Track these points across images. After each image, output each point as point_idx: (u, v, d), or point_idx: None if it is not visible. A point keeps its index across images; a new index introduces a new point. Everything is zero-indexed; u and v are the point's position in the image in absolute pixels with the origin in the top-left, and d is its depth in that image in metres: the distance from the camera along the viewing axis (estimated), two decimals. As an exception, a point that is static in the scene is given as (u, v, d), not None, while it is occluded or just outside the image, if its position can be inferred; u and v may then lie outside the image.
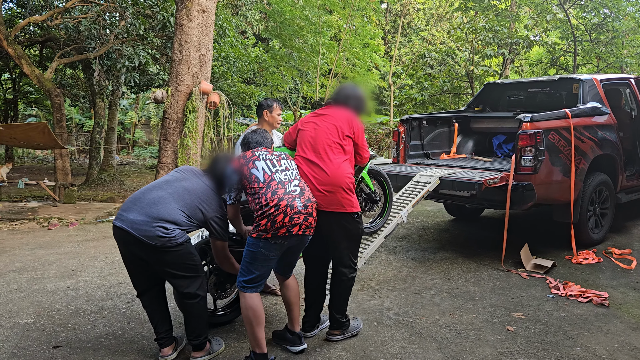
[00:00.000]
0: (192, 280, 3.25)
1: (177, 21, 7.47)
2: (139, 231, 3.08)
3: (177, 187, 3.30)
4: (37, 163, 20.95)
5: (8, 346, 3.57)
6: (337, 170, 3.44)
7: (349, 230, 3.53)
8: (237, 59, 12.79)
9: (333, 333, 3.66)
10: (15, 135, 9.82)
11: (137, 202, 3.21)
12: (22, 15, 14.63)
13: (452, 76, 12.69)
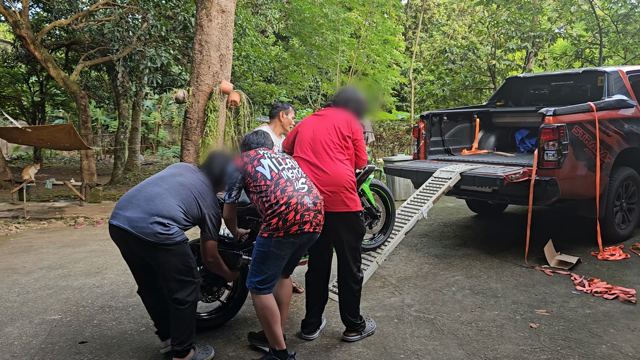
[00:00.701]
0: (185, 285, 3.16)
1: (197, 22, 7.54)
2: (136, 228, 3.02)
3: (173, 182, 3.24)
4: (64, 164, 21.39)
5: (37, 341, 3.66)
6: (338, 170, 3.41)
7: (354, 229, 3.50)
8: (258, 58, 12.86)
9: (350, 334, 3.63)
10: (42, 136, 10.06)
11: (133, 200, 3.15)
12: (48, 19, 14.95)
13: (473, 71, 12.54)
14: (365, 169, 4.13)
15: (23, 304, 4.40)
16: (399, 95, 21.68)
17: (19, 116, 20.16)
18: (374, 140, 10.62)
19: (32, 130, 9.78)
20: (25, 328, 3.90)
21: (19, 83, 19.44)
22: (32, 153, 21.09)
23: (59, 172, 16.59)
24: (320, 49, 11.60)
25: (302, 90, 13.93)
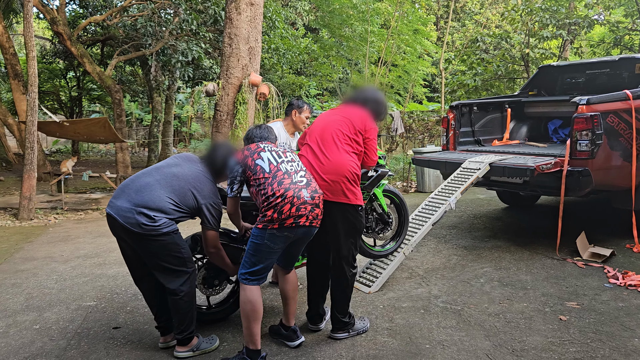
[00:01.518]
0: (177, 274, 3.16)
1: (226, 15, 7.62)
2: (123, 218, 3.04)
3: (166, 173, 3.23)
4: (100, 157, 21.97)
5: (73, 326, 3.81)
6: (342, 159, 3.35)
7: (351, 223, 3.42)
8: (287, 50, 12.90)
9: (337, 332, 3.53)
10: (78, 130, 10.36)
11: (125, 189, 3.16)
12: (84, 16, 15.34)
13: (506, 60, 12.28)
14: (379, 173, 4.04)
15: (61, 291, 4.57)
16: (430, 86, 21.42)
17: (58, 111, 20.79)
18: (403, 132, 10.54)
19: (69, 124, 10.08)
20: (63, 313, 4.06)
21: (57, 78, 20.04)
22: (70, 146, 21.72)
23: (95, 165, 17.06)
24: (349, 40, 11.54)
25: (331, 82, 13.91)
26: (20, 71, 12.83)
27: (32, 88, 8.34)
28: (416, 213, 5.11)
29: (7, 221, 7.96)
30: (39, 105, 9.02)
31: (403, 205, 4.56)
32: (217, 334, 3.61)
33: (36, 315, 4.03)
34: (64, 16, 12.34)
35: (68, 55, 15.69)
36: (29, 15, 8.40)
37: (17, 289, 4.66)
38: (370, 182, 4.04)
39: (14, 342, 3.54)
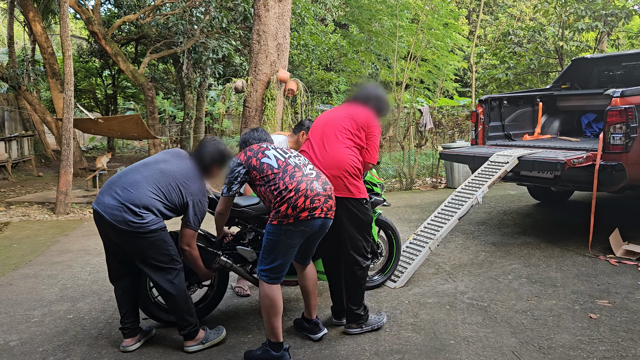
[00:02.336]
0: (166, 271, 3.15)
1: (255, 12, 7.67)
2: (110, 215, 3.01)
3: (154, 169, 3.19)
4: (134, 153, 22.46)
5: (104, 316, 3.93)
6: (341, 153, 3.33)
7: (358, 216, 3.40)
8: (316, 46, 12.91)
9: (350, 326, 3.51)
10: (112, 127, 10.63)
11: (112, 186, 3.13)
12: (118, 15, 15.69)
13: (539, 53, 11.99)
14: (372, 200, 3.93)
15: (93, 282, 4.71)
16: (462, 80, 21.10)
17: (94, 108, 21.33)
18: (432, 127, 10.43)
19: (103, 121, 10.36)
20: (95, 304, 4.19)
21: (93, 77, 20.56)
22: (106, 143, 22.28)
23: (130, 161, 17.44)
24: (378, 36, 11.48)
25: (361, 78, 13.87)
26: (58, 70, 13.21)
27: (68, 86, 8.59)
28: (442, 207, 5.06)
29: (45, 215, 8.24)
30: (75, 103, 9.29)
31: (396, 239, 4.40)
32: (243, 326, 3.67)
33: (70, 305, 4.17)
34: (99, 16, 12.66)
35: (103, 54, 16.08)
36: (65, 15, 8.65)
37: (53, 280, 4.83)
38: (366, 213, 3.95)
39: (49, 331, 3.67)
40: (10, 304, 4.23)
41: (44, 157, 16.91)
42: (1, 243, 6.35)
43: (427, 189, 10.08)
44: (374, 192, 4.07)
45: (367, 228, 3.50)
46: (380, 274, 4.43)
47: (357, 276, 3.48)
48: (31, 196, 10.07)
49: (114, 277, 3.33)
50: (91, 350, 3.35)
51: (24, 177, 13.38)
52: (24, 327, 3.75)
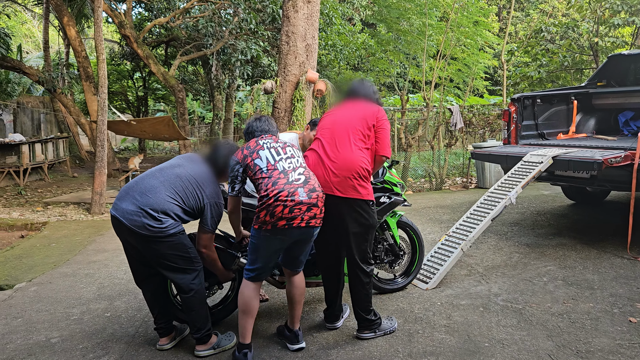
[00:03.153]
0: (186, 273, 3.18)
1: (284, 13, 7.71)
2: (129, 220, 3.03)
3: (170, 174, 3.22)
4: (165, 154, 22.83)
5: (140, 315, 4.01)
6: (352, 155, 3.29)
7: (364, 218, 3.33)
8: (344, 46, 12.90)
9: (363, 332, 3.47)
10: (144, 128, 10.83)
11: (129, 191, 3.15)
12: (149, 18, 15.98)
13: (573, 50, 11.73)
14: (392, 200, 3.94)
15: (129, 281, 4.81)
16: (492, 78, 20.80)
17: (125, 110, 21.78)
18: (462, 127, 10.31)
19: (135, 122, 10.56)
20: (131, 302, 4.28)
21: (124, 79, 20.99)
22: (137, 144, 22.72)
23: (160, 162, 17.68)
24: (407, 35, 11.40)
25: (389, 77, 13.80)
26: (91, 73, 13.53)
27: (102, 89, 8.79)
28: (474, 208, 5.00)
29: (81, 215, 8.45)
30: (108, 105, 9.50)
31: (419, 240, 4.33)
32: (256, 330, 3.70)
33: (107, 303, 4.27)
34: (131, 19, 12.91)
35: (135, 57, 16.40)
36: (99, 20, 8.85)
37: (90, 279, 4.95)
38: (382, 208, 3.90)
39: (88, 328, 3.77)
40: (50, 301, 4.35)
41: (78, 158, 17.35)
42: (40, 242, 6.55)
43: (458, 189, 9.97)
44: (394, 192, 4.04)
45: (372, 231, 3.43)
46: (404, 276, 4.38)
47: (362, 281, 3.42)
48: (67, 196, 10.34)
49: (139, 279, 3.38)
50: (129, 348, 3.43)
51: (60, 178, 13.75)
52: (64, 324, 3.86)
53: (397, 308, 3.97)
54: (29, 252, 6.05)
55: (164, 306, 3.40)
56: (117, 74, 20.35)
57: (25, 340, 3.59)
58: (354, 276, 3.44)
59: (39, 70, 14.29)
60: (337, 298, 3.63)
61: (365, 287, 3.43)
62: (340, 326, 3.67)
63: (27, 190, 11.42)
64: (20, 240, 6.85)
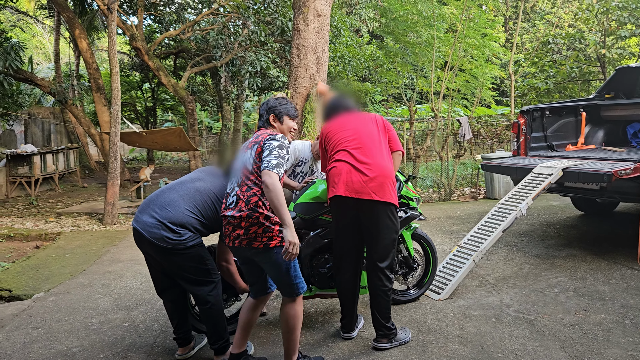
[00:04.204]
0: (204, 284, 3.24)
1: (294, 27, 7.83)
2: (149, 233, 3.10)
3: (189, 188, 3.29)
4: (173, 164, 22.98)
5: (158, 325, 4.08)
6: (384, 160, 3.49)
7: (393, 223, 3.48)
8: (352, 58, 13.02)
9: (381, 341, 3.50)
10: (156, 139, 10.94)
11: (150, 204, 3.23)
12: (159, 30, 16.18)
13: (580, 62, 11.79)
14: (408, 215, 4.03)
15: (145, 292, 4.89)
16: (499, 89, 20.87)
17: (134, 120, 21.98)
18: (471, 137, 10.37)
19: (147, 134, 10.68)
20: (148, 313, 4.35)
21: (133, 90, 21.21)
22: (145, 154, 22.89)
23: (170, 172, 17.87)
24: (414, 47, 11.51)
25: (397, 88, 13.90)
26: (102, 85, 13.70)
27: (115, 101, 8.93)
28: (485, 219, 5.06)
29: (94, 225, 8.56)
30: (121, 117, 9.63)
31: (433, 253, 4.40)
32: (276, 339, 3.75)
33: (125, 313, 4.35)
34: (142, 32, 13.09)
35: (144, 68, 16.60)
36: (112, 34, 9.01)
37: (107, 289, 5.04)
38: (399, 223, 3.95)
39: (107, 338, 3.85)
40: (69, 311, 4.43)
41: (88, 168, 17.51)
42: (55, 252, 6.65)
43: (467, 199, 10.01)
44: (410, 206, 4.11)
45: (396, 235, 3.55)
46: (417, 288, 4.43)
47: (384, 287, 3.49)
48: (79, 207, 10.46)
49: (160, 289, 3.44)
50: (148, 358, 3.50)
51: (70, 188, 13.89)
52: (83, 334, 3.94)
53: (411, 319, 4.02)
54: (45, 263, 6.15)
55: (183, 316, 3.47)
56: (126, 84, 20.56)
57: (47, 350, 3.67)
58: (376, 283, 3.50)
59: (50, 82, 14.49)
60: (353, 308, 3.69)
61: (387, 294, 3.51)
62: (355, 336, 3.73)
63: (38, 200, 11.56)
64: (36, 251, 6.95)
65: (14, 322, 4.23)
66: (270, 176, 2.84)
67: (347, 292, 3.66)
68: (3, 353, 3.64)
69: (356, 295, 3.70)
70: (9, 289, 5.19)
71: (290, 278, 3.04)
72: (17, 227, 8.29)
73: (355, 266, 3.64)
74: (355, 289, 3.68)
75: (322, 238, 3.85)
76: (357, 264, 3.65)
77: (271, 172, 2.86)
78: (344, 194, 3.40)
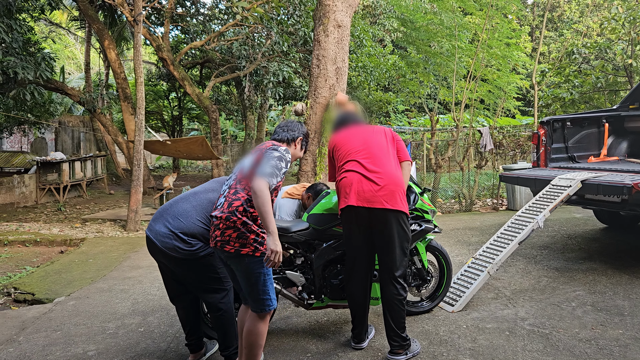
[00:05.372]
0: (215, 292, 3.28)
1: (314, 37, 7.92)
2: (161, 242, 3.16)
3: (202, 199, 3.34)
4: (197, 172, 23.29)
5: (172, 330, 4.16)
6: (394, 169, 3.53)
7: (405, 231, 3.49)
8: (374, 68, 13.05)
9: (397, 352, 3.47)
10: (179, 148, 11.15)
11: (163, 214, 3.30)
12: (185, 41, 16.51)
13: (606, 71, 11.59)
14: (422, 228, 4.03)
15: (162, 298, 4.97)
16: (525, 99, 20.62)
17: (161, 129, 22.40)
18: (492, 148, 10.27)
19: (170, 142, 10.89)
20: (164, 319, 4.43)
21: (160, 99, 21.64)
22: (171, 162, 23.28)
23: (194, 180, 18.12)
24: (436, 57, 11.49)
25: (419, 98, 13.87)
26: (129, 94, 14.04)
27: (139, 110, 9.14)
28: (502, 231, 5.01)
29: (117, 232, 8.74)
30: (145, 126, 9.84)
31: (447, 265, 4.37)
32: (302, 345, 3.78)
33: (141, 319, 4.44)
34: (168, 43, 13.37)
35: (171, 78, 16.94)
36: (138, 44, 9.25)
37: (125, 295, 5.14)
38: (413, 235, 3.95)
39: (122, 342, 3.93)
40: (87, 316, 4.55)
41: (115, 175, 17.90)
42: (79, 258, 6.82)
43: (488, 210, 9.90)
44: (424, 219, 4.11)
45: (408, 244, 3.57)
46: (429, 300, 4.40)
47: (398, 296, 3.47)
48: (104, 213, 10.70)
49: (172, 295, 3.50)
50: (161, 363, 3.57)
51: (97, 195, 14.22)
52: (100, 338, 4.03)
53: (422, 330, 4.00)
54: (68, 267, 6.31)
55: (195, 323, 3.52)
56: (153, 94, 20.99)
57: (64, 353, 3.77)
58: (391, 292, 3.49)
59: (80, 91, 14.90)
60: (364, 318, 3.70)
61: (402, 303, 3.49)
62: (365, 347, 3.73)
63: (66, 206, 11.87)
64: (60, 256, 7.14)
65: (34, 325, 4.36)
66: (259, 182, 2.82)
67: (358, 303, 3.67)
68: (23, 355, 3.76)
69: (367, 305, 3.70)
70: (32, 292, 5.35)
71: (258, 291, 2.98)
72: (43, 233, 8.53)
73: (366, 277, 3.65)
74: (366, 300, 3.68)
75: (334, 250, 3.87)
76: (367, 274, 3.66)
77: (261, 179, 2.84)
78: (356, 204, 3.43)
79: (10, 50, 9.60)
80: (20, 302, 5.26)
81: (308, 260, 3.89)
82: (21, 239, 7.94)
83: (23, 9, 10.89)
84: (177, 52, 14.73)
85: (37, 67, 10.09)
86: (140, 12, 9.16)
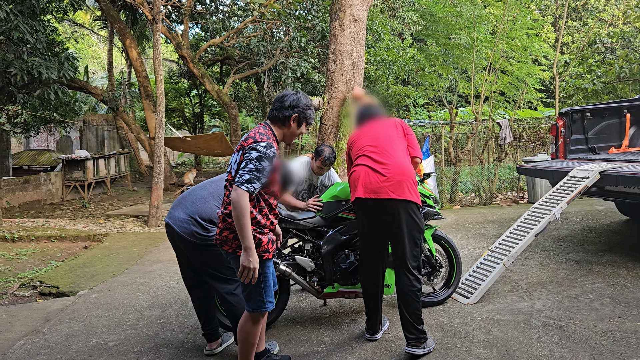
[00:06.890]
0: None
1: (331, 32, 7.93)
2: (180, 228, 3.28)
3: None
4: (219, 168, 23.52)
5: (190, 322, 4.24)
6: (403, 160, 3.51)
7: (415, 221, 3.45)
8: (393, 62, 13.00)
9: (416, 345, 3.41)
10: (198, 144, 11.30)
11: (182, 201, 3.42)
12: (205, 38, 16.66)
13: (630, 61, 11.33)
14: (424, 212, 4.00)
15: (181, 291, 5.08)
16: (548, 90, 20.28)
17: (182, 126, 22.67)
18: (512, 140, 10.15)
19: (190, 139, 11.04)
20: (182, 311, 4.53)
21: (182, 97, 21.90)
22: (193, 159, 23.56)
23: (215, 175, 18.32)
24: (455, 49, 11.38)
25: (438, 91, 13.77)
26: (151, 92, 14.25)
27: (159, 108, 9.28)
28: (518, 223, 4.98)
29: (139, 227, 8.92)
30: (165, 123, 10.00)
31: (455, 254, 4.36)
32: (316, 336, 3.83)
33: (160, 311, 4.54)
34: (187, 41, 13.54)
35: (191, 76, 17.14)
36: (157, 42, 9.38)
37: (146, 288, 5.27)
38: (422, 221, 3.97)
39: (142, 333, 4.04)
40: (109, 308, 4.67)
41: (138, 172, 18.21)
42: (101, 253, 6.98)
43: (508, 203, 9.81)
44: (426, 203, 4.13)
45: (421, 234, 3.54)
46: (445, 288, 4.42)
47: (413, 288, 3.45)
48: (127, 209, 10.91)
49: (189, 284, 3.58)
50: (178, 353, 3.65)
51: (121, 192, 14.50)
52: (120, 329, 4.14)
53: (437, 322, 4.01)
54: (91, 262, 6.47)
55: (210, 313, 3.60)
56: (174, 91, 21.25)
57: (86, 343, 3.89)
58: (404, 283, 3.47)
59: (103, 90, 15.18)
60: (377, 309, 3.72)
61: (416, 294, 3.46)
62: (379, 338, 3.76)
63: (90, 203, 12.13)
64: (84, 251, 7.32)
65: (58, 317, 4.50)
66: (237, 193, 2.71)
67: (371, 292, 3.70)
68: (47, 345, 3.89)
69: (380, 295, 3.73)
70: (57, 285, 5.51)
71: (253, 291, 2.93)
72: (68, 229, 8.75)
73: (378, 266, 3.67)
74: (379, 289, 3.71)
75: (341, 235, 3.98)
76: (379, 263, 3.68)
77: (239, 189, 2.72)
78: (363, 196, 3.47)
79: (35, 51, 9.83)
80: (45, 295, 5.42)
81: (316, 246, 4.00)
82: (47, 235, 8.16)
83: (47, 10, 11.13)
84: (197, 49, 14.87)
85: (61, 67, 10.31)
86: (159, 10, 9.29)
